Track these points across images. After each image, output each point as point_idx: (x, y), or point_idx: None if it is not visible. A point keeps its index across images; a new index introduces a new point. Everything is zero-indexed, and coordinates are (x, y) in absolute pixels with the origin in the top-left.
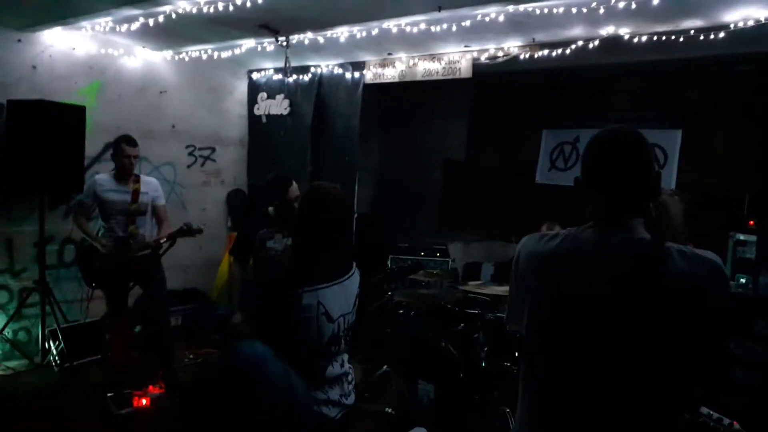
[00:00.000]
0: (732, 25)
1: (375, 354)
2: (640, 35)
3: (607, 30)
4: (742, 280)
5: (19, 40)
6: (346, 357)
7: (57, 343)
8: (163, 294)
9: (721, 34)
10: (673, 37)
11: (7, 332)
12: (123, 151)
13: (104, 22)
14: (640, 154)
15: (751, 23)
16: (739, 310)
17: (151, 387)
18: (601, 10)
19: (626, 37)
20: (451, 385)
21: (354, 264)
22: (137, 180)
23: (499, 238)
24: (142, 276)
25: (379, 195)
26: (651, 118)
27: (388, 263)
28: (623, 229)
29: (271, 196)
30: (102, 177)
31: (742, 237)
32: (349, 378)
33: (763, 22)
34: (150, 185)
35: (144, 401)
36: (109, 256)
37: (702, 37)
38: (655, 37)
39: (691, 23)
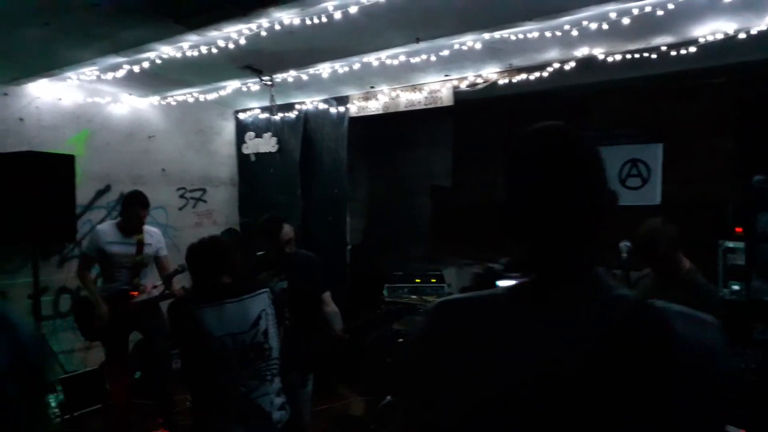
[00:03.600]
0: (701, 39)
1: (377, 385)
2: (614, 54)
3: (581, 51)
4: (735, 287)
5: (6, 94)
6: (265, 391)
7: (56, 395)
8: (162, 339)
9: (692, 49)
10: (646, 54)
11: None
12: (137, 213)
13: (89, 71)
14: (592, 162)
15: (720, 36)
16: (737, 317)
17: None
18: (575, 32)
19: (601, 56)
20: None
21: (256, 287)
22: (141, 230)
23: (491, 260)
24: (141, 323)
25: (369, 225)
26: (631, 134)
27: (384, 293)
28: (590, 288)
29: (263, 238)
30: (105, 228)
31: (731, 244)
32: (272, 416)
33: (731, 34)
34: (153, 236)
35: None
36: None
37: (673, 53)
38: (628, 55)
39: (662, 40)
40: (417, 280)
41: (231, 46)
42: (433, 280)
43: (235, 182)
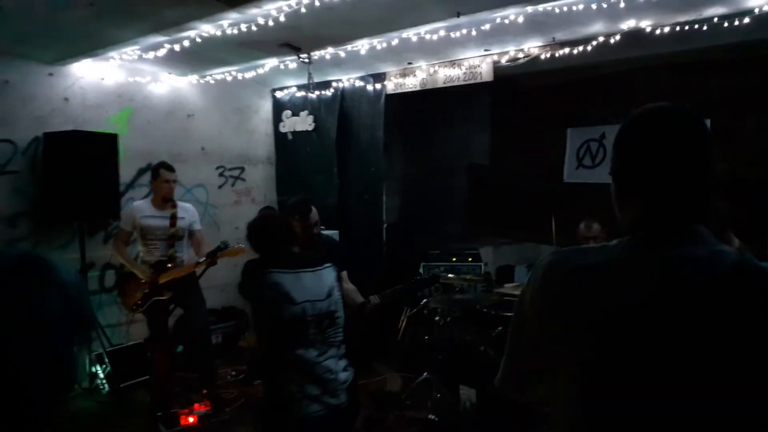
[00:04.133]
0: (756, 10)
1: (414, 362)
2: (662, 27)
3: (627, 24)
4: None
5: (51, 74)
6: (333, 354)
7: (104, 366)
8: (203, 314)
9: (746, 20)
10: (696, 26)
11: None
12: (162, 176)
13: (131, 50)
14: (702, 136)
15: None
16: None
17: (196, 405)
18: (622, 4)
19: (648, 29)
20: (493, 389)
21: (324, 262)
22: (174, 205)
23: (530, 239)
24: (182, 297)
25: (405, 203)
26: None
27: (420, 271)
28: (696, 239)
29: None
30: (140, 204)
31: None
32: (339, 377)
33: None
34: (187, 211)
35: (191, 419)
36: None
37: (726, 24)
38: (677, 28)
39: (714, 11)
40: (453, 259)
41: (270, 23)
42: (470, 259)
43: (272, 161)
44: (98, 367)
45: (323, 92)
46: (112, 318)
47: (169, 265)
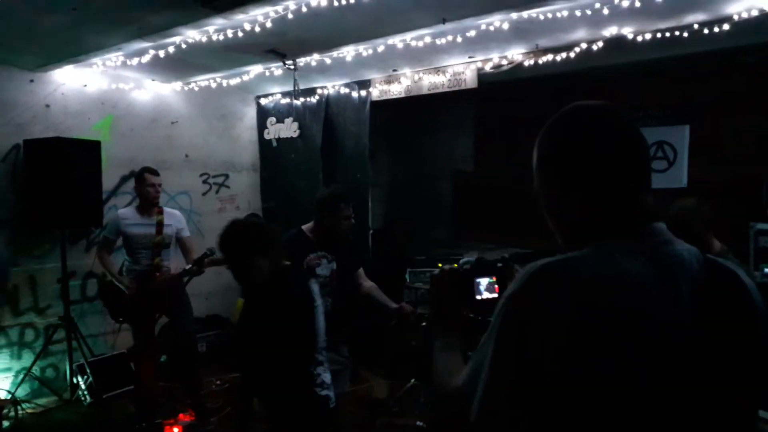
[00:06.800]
0: (735, 17)
1: (401, 368)
2: (644, 33)
3: (610, 31)
4: (767, 270)
5: (32, 80)
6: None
7: (85, 377)
8: (190, 322)
9: (725, 26)
10: (677, 33)
11: (35, 370)
12: (146, 180)
13: (115, 57)
14: (640, 132)
15: (755, 13)
16: None
17: (181, 415)
18: (605, 11)
19: (630, 36)
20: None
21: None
22: (160, 212)
23: (514, 245)
24: (169, 306)
25: (391, 209)
26: (658, 116)
27: (406, 277)
28: (658, 238)
29: (324, 212)
30: (125, 211)
31: (763, 227)
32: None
33: (767, 11)
34: (174, 217)
35: (176, 430)
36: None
37: (706, 31)
38: (659, 34)
39: (694, 18)
40: (440, 264)
41: (257, 29)
42: (455, 265)
43: (257, 168)
44: (79, 378)
45: (308, 99)
46: (94, 328)
47: (157, 274)
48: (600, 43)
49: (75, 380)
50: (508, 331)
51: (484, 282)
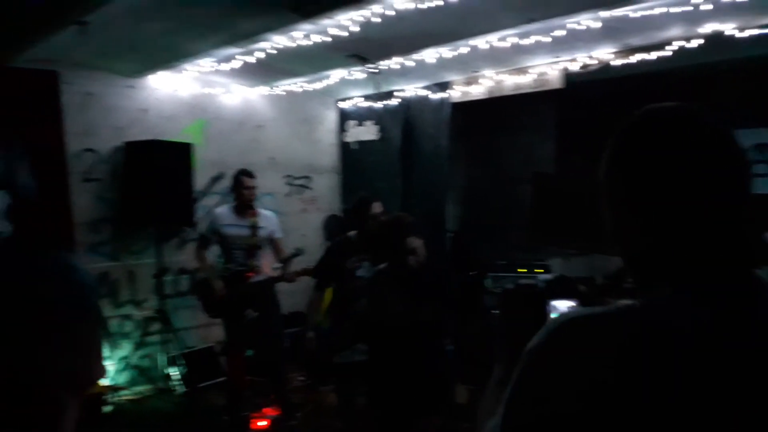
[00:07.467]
0: None
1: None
2: (747, 29)
3: (708, 27)
4: None
5: (132, 86)
6: None
7: (179, 368)
8: (278, 318)
9: None
10: None
11: (133, 359)
12: (243, 183)
13: (206, 63)
14: (737, 146)
15: None
16: None
17: (266, 409)
18: (704, 6)
19: (731, 32)
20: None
21: None
22: (255, 214)
23: (598, 251)
24: (257, 303)
25: (468, 212)
26: (761, 118)
27: (487, 282)
28: (750, 288)
29: (355, 220)
30: (221, 211)
31: None
32: None
33: None
34: (268, 219)
35: (264, 422)
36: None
37: None
38: (765, 30)
39: None
40: (521, 270)
41: (344, 33)
42: (539, 270)
43: (337, 170)
44: (174, 368)
45: (388, 102)
46: (186, 321)
47: (249, 274)
48: (697, 41)
49: (169, 370)
50: (524, 392)
51: (561, 307)
